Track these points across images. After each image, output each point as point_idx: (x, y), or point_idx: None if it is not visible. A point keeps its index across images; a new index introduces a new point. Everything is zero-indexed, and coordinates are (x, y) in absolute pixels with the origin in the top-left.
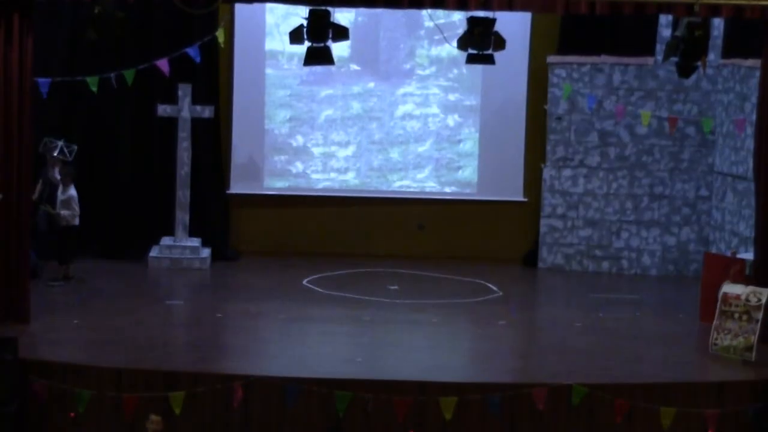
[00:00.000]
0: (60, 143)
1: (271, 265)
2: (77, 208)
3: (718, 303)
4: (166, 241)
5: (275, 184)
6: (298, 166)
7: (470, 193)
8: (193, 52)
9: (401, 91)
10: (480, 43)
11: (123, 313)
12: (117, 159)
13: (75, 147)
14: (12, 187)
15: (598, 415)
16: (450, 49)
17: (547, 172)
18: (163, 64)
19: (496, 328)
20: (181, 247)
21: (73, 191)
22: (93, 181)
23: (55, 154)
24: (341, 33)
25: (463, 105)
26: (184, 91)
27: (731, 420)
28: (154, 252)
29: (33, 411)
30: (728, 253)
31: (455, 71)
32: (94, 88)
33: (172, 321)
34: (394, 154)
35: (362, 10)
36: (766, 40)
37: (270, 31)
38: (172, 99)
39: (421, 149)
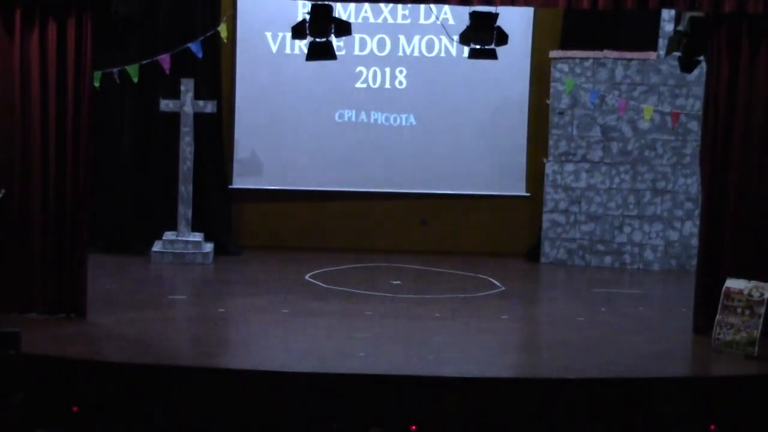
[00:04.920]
0: None
1: (274, 260)
2: None
3: (721, 298)
4: (168, 236)
5: (278, 179)
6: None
7: (473, 188)
8: (195, 47)
9: None
10: (482, 38)
11: (125, 307)
12: (119, 154)
13: None
14: (66, 183)
15: (601, 410)
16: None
17: (550, 167)
18: (164, 60)
19: (499, 323)
20: (184, 242)
21: None
22: (95, 176)
23: None
24: (344, 28)
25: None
26: (187, 86)
27: (734, 415)
28: (156, 247)
29: (36, 406)
30: None
31: None
32: (97, 84)
33: (175, 316)
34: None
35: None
36: (713, 37)
37: (272, 25)
38: (175, 94)
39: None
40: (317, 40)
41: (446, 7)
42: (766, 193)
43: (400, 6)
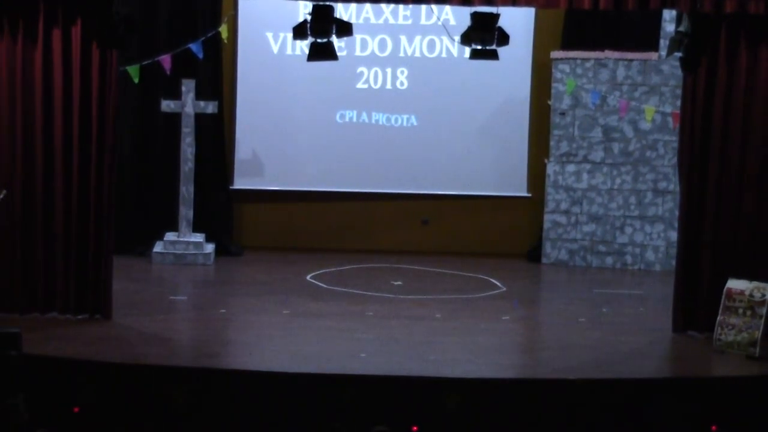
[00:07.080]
0: None
1: (275, 261)
2: None
3: (723, 298)
4: (170, 236)
5: (279, 180)
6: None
7: (474, 189)
8: (196, 48)
9: None
10: (484, 38)
11: (126, 308)
12: (120, 155)
13: None
14: (90, 183)
15: (602, 410)
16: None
17: (551, 168)
18: (165, 61)
19: (500, 324)
20: (185, 242)
21: None
22: None
23: None
24: (345, 28)
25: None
26: (188, 86)
27: (735, 416)
28: (158, 247)
29: (37, 406)
30: None
31: None
32: None
33: (176, 317)
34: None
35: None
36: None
37: (273, 26)
38: (176, 94)
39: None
40: (318, 40)
41: (447, 8)
42: (745, 195)
43: (401, 6)
